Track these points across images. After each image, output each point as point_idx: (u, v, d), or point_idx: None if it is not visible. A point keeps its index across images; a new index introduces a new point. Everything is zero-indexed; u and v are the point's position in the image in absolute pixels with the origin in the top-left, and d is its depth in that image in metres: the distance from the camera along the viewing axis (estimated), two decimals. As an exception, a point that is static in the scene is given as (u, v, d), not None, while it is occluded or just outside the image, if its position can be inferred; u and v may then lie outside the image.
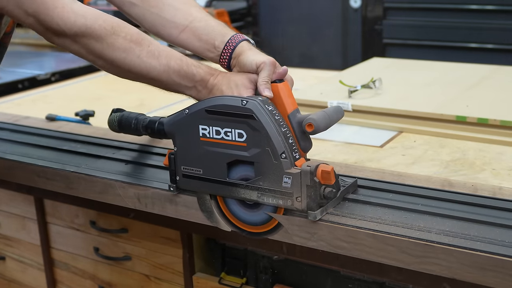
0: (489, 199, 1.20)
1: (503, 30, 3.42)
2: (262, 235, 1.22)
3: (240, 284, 1.50)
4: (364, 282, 1.35)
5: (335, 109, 1.21)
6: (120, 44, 1.18)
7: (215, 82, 1.24)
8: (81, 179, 1.46)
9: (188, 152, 1.22)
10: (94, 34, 1.16)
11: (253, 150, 1.14)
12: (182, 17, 1.34)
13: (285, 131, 1.13)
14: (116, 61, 1.19)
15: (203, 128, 1.19)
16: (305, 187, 1.11)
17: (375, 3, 3.89)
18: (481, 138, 1.63)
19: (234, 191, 1.19)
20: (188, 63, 1.23)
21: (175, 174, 1.27)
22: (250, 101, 1.14)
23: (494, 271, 1.00)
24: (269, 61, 1.21)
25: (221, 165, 1.19)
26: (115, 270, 1.71)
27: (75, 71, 2.90)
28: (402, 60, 2.58)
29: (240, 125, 1.15)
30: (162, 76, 1.22)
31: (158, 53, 1.21)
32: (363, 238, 1.10)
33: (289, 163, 1.12)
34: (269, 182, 1.14)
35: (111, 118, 1.41)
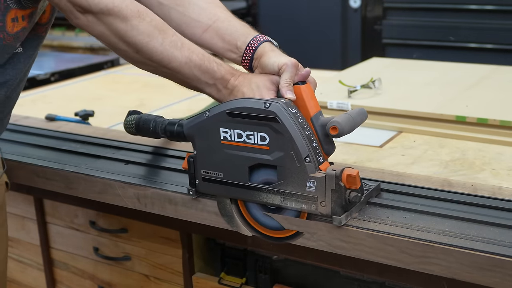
0: (488, 199, 1.20)
1: (502, 30, 3.42)
2: (284, 240, 1.19)
3: (239, 284, 1.50)
4: (363, 282, 1.35)
5: (359, 111, 1.18)
6: (144, 28, 1.16)
7: (236, 83, 1.22)
8: (80, 179, 1.46)
9: (208, 155, 1.20)
10: (120, 14, 1.15)
11: (276, 153, 1.12)
12: (206, 16, 1.33)
13: (309, 134, 1.11)
14: (138, 44, 1.17)
15: (224, 131, 1.16)
16: (330, 191, 1.08)
17: (375, 3, 3.89)
18: (480, 138, 1.63)
19: (255, 195, 1.16)
20: (210, 59, 1.21)
21: (194, 177, 1.24)
22: (273, 104, 1.11)
23: (493, 271, 1.00)
24: (291, 63, 1.19)
25: (242, 169, 1.16)
26: (115, 270, 1.71)
27: (74, 71, 2.91)
28: (401, 60, 2.58)
29: (262, 128, 1.12)
30: (183, 67, 1.19)
31: (181, 44, 1.19)
32: (362, 238, 1.10)
33: (313, 167, 1.09)
34: (292, 186, 1.11)
35: (128, 120, 1.37)
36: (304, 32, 4.15)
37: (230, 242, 1.50)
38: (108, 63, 3.15)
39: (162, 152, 1.55)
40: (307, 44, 4.14)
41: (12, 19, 1.21)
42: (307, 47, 4.16)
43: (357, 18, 3.99)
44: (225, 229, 1.27)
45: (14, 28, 1.22)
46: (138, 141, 1.64)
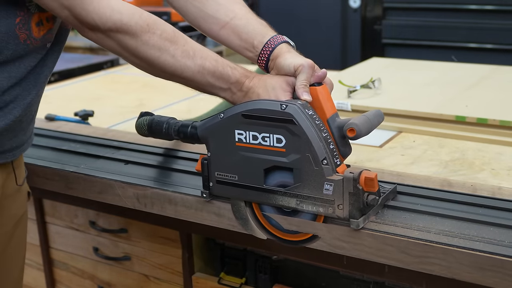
0: (488, 199, 1.20)
1: (502, 30, 3.42)
2: (300, 244, 1.18)
3: (239, 284, 1.50)
4: (363, 282, 1.35)
5: (376, 113, 1.17)
6: (155, 42, 1.14)
7: (250, 85, 1.20)
8: (80, 179, 1.46)
9: (223, 157, 1.18)
10: (129, 31, 1.13)
11: (292, 156, 1.10)
12: (224, 13, 1.31)
13: (325, 136, 1.10)
14: (150, 59, 1.16)
15: (239, 133, 1.15)
16: (348, 194, 1.07)
17: (375, 3, 3.89)
18: (480, 138, 1.63)
19: (271, 198, 1.15)
20: (224, 64, 1.20)
21: (208, 180, 1.22)
22: (289, 105, 1.09)
23: (493, 271, 1.00)
24: (307, 64, 1.17)
25: (257, 171, 1.15)
26: (115, 270, 1.71)
27: (74, 71, 2.91)
28: (401, 60, 2.58)
29: (278, 130, 1.10)
30: (196, 76, 1.18)
31: (193, 52, 1.17)
32: (362, 238, 1.10)
33: (331, 169, 1.08)
34: (308, 189, 1.10)
35: (140, 122, 1.36)
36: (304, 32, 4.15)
37: (230, 242, 1.50)
38: (108, 63, 3.15)
39: (162, 152, 1.55)
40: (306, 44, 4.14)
41: (36, 23, 1.19)
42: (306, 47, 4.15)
43: (356, 18, 3.99)
44: (225, 229, 1.27)
45: (41, 32, 1.20)
46: (137, 141, 1.64)
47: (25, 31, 1.17)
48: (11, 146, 1.26)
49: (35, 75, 1.25)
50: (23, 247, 1.41)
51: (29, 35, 1.18)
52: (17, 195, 1.34)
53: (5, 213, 1.30)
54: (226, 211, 1.25)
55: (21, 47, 1.18)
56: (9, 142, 1.25)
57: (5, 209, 1.29)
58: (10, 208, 1.31)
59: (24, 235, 1.41)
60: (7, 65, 1.17)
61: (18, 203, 1.34)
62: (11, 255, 1.35)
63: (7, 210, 1.30)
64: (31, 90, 1.24)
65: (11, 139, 1.25)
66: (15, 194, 1.33)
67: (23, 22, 1.16)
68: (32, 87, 1.25)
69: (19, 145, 1.29)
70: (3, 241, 1.31)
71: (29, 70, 1.22)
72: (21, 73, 1.20)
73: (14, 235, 1.34)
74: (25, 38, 1.18)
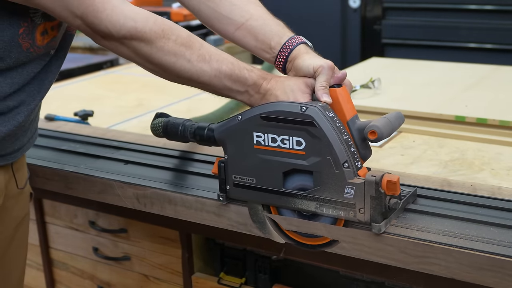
0: (488, 199, 1.20)
1: (502, 30, 3.42)
2: (319, 248, 1.16)
3: (239, 284, 1.50)
4: (363, 282, 1.35)
5: (396, 115, 1.15)
6: (170, 48, 1.12)
7: (268, 87, 1.18)
8: (80, 179, 1.46)
9: (241, 160, 1.16)
10: (143, 38, 1.11)
11: (313, 158, 1.08)
12: (239, 13, 1.28)
13: (346, 139, 1.07)
14: (165, 65, 1.14)
15: (257, 135, 1.13)
16: (369, 198, 1.05)
17: (374, 3, 3.89)
18: (480, 138, 1.63)
19: (290, 201, 1.13)
20: (240, 66, 1.17)
21: (225, 183, 1.20)
22: (310, 107, 1.07)
23: (492, 271, 1.00)
24: (327, 65, 1.15)
25: (276, 174, 1.13)
26: (114, 270, 1.70)
27: (74, 71, 2.91)
28: (401, 60, 2.58)
29: (298, 132, 1.08)
30: (213, 80, 1.16)
31: (209, 56, 1.15)
32: (362, 238, 1.10)
33: (352, 172, 1.06)
34: (329, 192, 1.08)
35: (155, 123, 1.33)
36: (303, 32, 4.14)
37: (229, 242, 1.50)
38: (108, 63, 3.15)
39: (162, 152, 1.55)
40: (306, 44, 4.14)
41: (41, 33, 1.18)
42: (306, 47, 4.16)
43: (356, 18, 3.98)
44: (225, 229, 1.27)
45: (44, 40, 1.19)
46: (137, 141, 1.64)
47: (28, 40, 1.16)
48: (13, 149, 1.26)
49: (39, 81, 1.24)
50: (25, 248, 1.41)
51: (33, 44, 1.17)
52: (20, 196, 1.34)
53: (8, 214, 1.30)
54: (226, 211, 1.25)
55: (23, 54, 1.17)
56: (11, 145, 1.25)
57: (7, 211, 1.29)
58: (13, 209, 1.31)
59: (25, 236, 1.41)
60: (9, 72, 1.17)
61: (21, 205, 1.34)
62: (13, 256, 1.35)
63: (9, 211, 1.30)
64: (35, 96, 1.24)
65: (13, 142, 1.25)
66: (18, 196, 1.33)
67: (26, 32, 1.15)
68: (37, 93, 1.24)
69: (20, 146, 1.29)
70: (5, 242, 1.31)
71: (33, 76, 1.22)
72: (24, 79, 1.20)
73: (15, 236, 1.34)
74: (28, 46, 1.17)
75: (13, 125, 1.20)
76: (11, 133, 1.21)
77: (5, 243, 1.31)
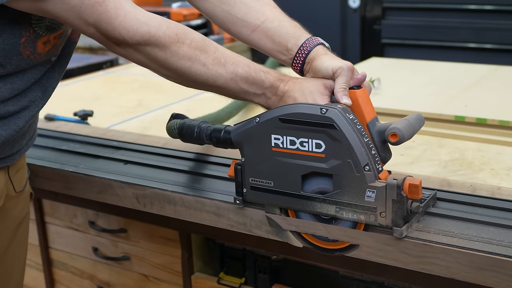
0: (487, 199, 1.20)
1: (501, 30, 3.42)
2: (337, 252, 1.14)
3: (238, 284, 1.50)
4: (362, 282, 1.35)
5: (417, 116, 1.13)
6: (185, 52, 1.11)
7: (286, 89, 1.16)
8: (79, 179, 1.46)
9: (258, 163, 1.14)
10: (157, 43, 1.09)
11: (332, 161, 1.06)
12: (254, 16, 1.27)
13: (367, 142, 1.06)
14: (181, 70, 1.12)
15: (275, 138, 1.11)
16: (391, 201, 1.03)
17: (374, 3, 3.88)
18: (479, 138, 1.63)
19: (309, 205, 1.11)
20: (256, 69, 1.15)
21: (241, 186, 1.19)
22: (330, 109, 1.06)
23: (492, 271, 1.00)
24: (346, 66, 1.13)
25: (295, 177, 1.11)
26: (114, 270, 1.70)
27: (73, 71, 2.90)
28: (400, 60, 2.58)
29: (318, 134, 1.07)
30: (229, 84, 1.14)
31: (225, 60, 1.13)
32: (361, 238, 1.10)
33: (373, 176, 1.04)
34: (349, 196, 1.06)
35: (171, 125, 1.31)
36: (303, 32, 4.15)
37: (229, 242, 1.50)
38: (107, 63, 3.15)
39: (162, 152, 1.55)
40: (306, 44, 4.14)
41: (43, 42, 1.17)
42: (306, 47, 4.16)
43: (356, 18, 3.98)
44: (224, 229, 1.27)
45: (46, 48, 1.19)
46: (137, 141, 1.64)
47: (29, 48, 1.15)
48: (12, 152, 1.26)
49: (42, 87, 1.23)
50: (25, 248, 1.41)
51: (33, 51, 1.16)
52: (20, 197, 1.34)
53: (8, 215, 1.30)
54: (226, 211, 1.25)
55: (24, 62, 1.16)
56: (10, 149, 1.24)
57: (8, 211, 1.29)
58: (13, 210, 1.31)
59: (25, 236, 1.41)
60: (9, 77, 1.16)
61: (21, 205, 1.34)
62: (13, 256, 1.35)
63: (10, 212, 1.30)
64: (38, 102, 1.23)
65: (12, 146, 1.25)
66: (18, 197, 1.32)
67: (28, 42, 1.14)
68: (40, 99, 1.24)
69: (19, 148, 1.28)
70: (5, 242, 1.31)
71: (33, 82, 1.21)
72: (24, 85, 1.19)
73: (16, 236, 1.34)
74: (29, 54, 1.16)
75: (14, 129, 1.20)
76: (11, 137, 1.20)
77: (5, 243, 1.31)
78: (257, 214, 1.21)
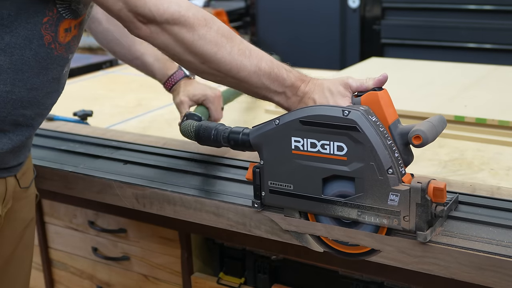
0: (487, 199, 1.20)
1: (501, 30, 3.42)
2: (359, 257, 1.13)
3: (238, 284, 1.50)
4: (362, 282, 1.35)
5: (440, 118, 1.12)
6: (212, 37, 1.09)
7: (306, 90, 1.15)
8: (79, 179, 1.46)
9: (278, 166, 1.13)
10: (186, 23, 1.08)
11: (355, 164, 1.05)
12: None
13: (390, 144, 1.04)
14: (206, 55, 1.10)
15: (296, 140, 1.09)
16: (415, 205, 1.01)
17: (374, 3, 3.89)
18: (479, 138, 1.63)
19: (330, 208, 1.09)
20: (279, 66, 1.15)
21: (260, 189, 1.17)
22: (352, 111, 1.04)
23: (492, 271, 1.00)
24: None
25: (315, 181, 1.09)
26: (114, 270, 1.70)
27: (73, 71, 2.90)
28: (400, 60, 2.58)
29: (340, 137, 1.05)
30: (252, 77, 1.12)
31: (249, 52, 1.12)
32: (361, 238, 1.10)
33: (396, 179, 1.02)
34: (372, 199, 1.05)
35: (187, 127, 1.28)
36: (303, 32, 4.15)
37: (229, 242, 1.50)
38: (107, 63, 3.15)
39: (161, 152, 1.55)
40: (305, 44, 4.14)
41: (65, 29, 1.15)
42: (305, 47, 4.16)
43: (355, 18, 3.98)
44: (224, 229, 1.27)
45: (67, 38, 1.17)
46: (136, 141, 1.64)
47: (51, 32, 1.13)
48: (17, 163, 1.24)
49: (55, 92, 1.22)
50: (31, 252, 1.40)
51: (55, 38, 1.14)
52: (27, 198, 1.33)
53: (16, 217, 1.29)
54: (225, 211, 1.25)
55: (44, 50, 1.13)
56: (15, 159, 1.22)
57: (16, 213, 1.28)
58: (21, 211, 1.30)
59: (32, 240, 1.39)
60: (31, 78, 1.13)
61: (28, 207, 1.34)
62: (19, 260, 1.34)
63: (18, 214, 1.29)
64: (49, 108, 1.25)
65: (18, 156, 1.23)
66: (25, 198, 1.32)
67: (50, 23, 1.12)
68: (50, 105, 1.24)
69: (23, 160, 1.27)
70: (12, 246, 1.30)
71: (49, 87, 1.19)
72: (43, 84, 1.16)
73: (22, 239, 1.33)
74: (50, 40, 1.13)
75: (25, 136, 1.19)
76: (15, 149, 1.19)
77: (12, 246, 1.30)
78: (257, 214, 1.21)
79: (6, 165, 1.20)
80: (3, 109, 1.12)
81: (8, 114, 1.13)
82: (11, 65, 1.10)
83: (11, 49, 1.09)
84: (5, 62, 1.09)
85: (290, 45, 4.22)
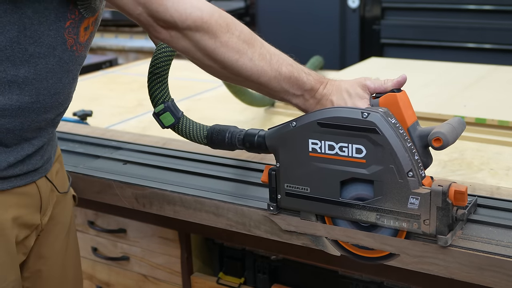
0: (487, 199, 1.20)
1: (501, 30, 3.42)
2: (377, 261, 1.11)
3: (238, 284, 1.50)
4: (362, 282, 1.35)
5: (459, 120, 1.10)
6: (234, 44, 1.07)
7: (324, 92, 1.14)
8: (79, 179, 1.46)
9: (294, 168, 1.11)
10: (209, 30, 1.05)
11: (374, 167, 1.03)
12: None
13: (410, 146, 1.02)
14: (227, 62, 1.08)
15: (313, 143, 1.07)
16: (435, 209, 1.00)
17: (373, 3, 3.89)
18: (479, 138, 1.63)
19: (348, 212, 1.08)
20: (299, 69, 1.13)
21: (276, 192, 1.15)
22: (372, 113, 1.02)
23: (492, 271, 1.00)
24: None
25: (333, 184, 1.07)
26: (113, 270, 1.70)
27: (73, 71, 2.90)
28: (400, 60, 2.58)
29: (359, 139, 1.03)
30: (271, 82, 1.11)
31: (270, 56, 1.11)
32: (361, 238, 1.10)
33: (417, 182, 1.00)
34: (391, 202, 1.03)
35: (194, 130, 1.25)
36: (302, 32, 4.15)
37: (228, 242, 1.50)
38: (107, 63, 3.15)
39: (161, 152, 1.55)
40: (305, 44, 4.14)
41: (85, 28, 1.13)
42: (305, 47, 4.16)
43: (355, 18, 3.98)
44: (224, 229, 1.27)
45: (86, 36, 1.15)
46: (136, 141, 1.64)
47: (73, 35, 1.10)
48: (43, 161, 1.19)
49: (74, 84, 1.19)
50: (78, 257, 1.37)
51: (76, 40, 1.12)
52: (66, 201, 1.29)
53: (59, 222, 1.25)
54: (225, 211, 1.25)
55: (67, 54, 1.11)
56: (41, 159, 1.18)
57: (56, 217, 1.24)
58: (61, 216, 1.26)
59: (76, 246, 1.35)
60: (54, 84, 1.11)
61: (67, 210, 1.29)
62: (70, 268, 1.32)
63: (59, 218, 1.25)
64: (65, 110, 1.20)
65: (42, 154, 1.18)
66: (64, 200, 1.28)
67: (73, 26, 1.10)
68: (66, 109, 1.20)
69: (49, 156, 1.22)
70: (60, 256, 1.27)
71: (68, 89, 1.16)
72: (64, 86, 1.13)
73: (68, 246, 1.30)
74: (72, 43, 1.11)
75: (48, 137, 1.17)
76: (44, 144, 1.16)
77: (60, 257, 1.27)
78: (256, 214, 1.21)
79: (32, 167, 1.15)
80: (27, 119, 1.09)
81: (32, 122, 1.11)
82: (36, 75, 1.07)
83: (35, 59, 1.06)
84: (30, 73, 1.06)
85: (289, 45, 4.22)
